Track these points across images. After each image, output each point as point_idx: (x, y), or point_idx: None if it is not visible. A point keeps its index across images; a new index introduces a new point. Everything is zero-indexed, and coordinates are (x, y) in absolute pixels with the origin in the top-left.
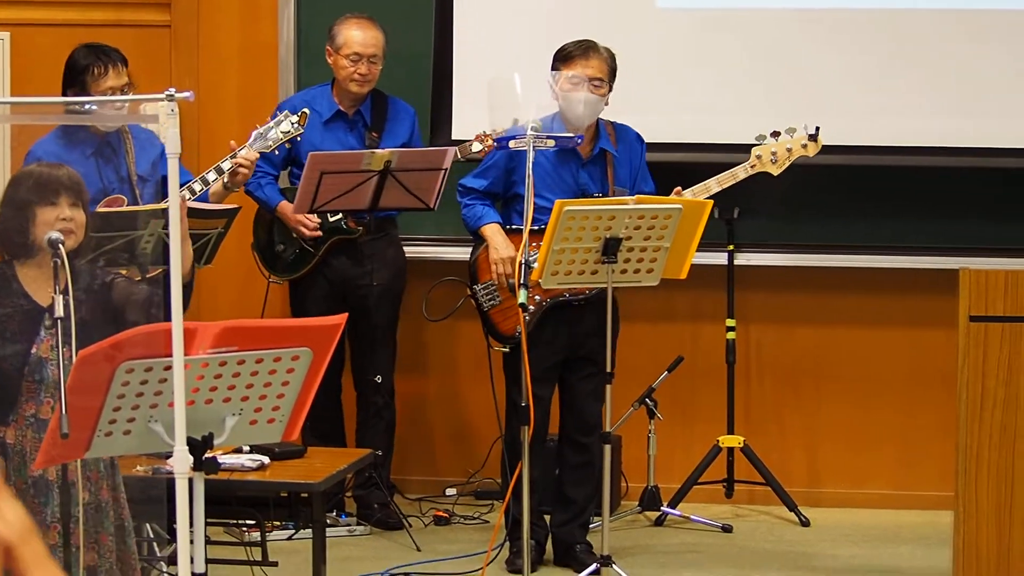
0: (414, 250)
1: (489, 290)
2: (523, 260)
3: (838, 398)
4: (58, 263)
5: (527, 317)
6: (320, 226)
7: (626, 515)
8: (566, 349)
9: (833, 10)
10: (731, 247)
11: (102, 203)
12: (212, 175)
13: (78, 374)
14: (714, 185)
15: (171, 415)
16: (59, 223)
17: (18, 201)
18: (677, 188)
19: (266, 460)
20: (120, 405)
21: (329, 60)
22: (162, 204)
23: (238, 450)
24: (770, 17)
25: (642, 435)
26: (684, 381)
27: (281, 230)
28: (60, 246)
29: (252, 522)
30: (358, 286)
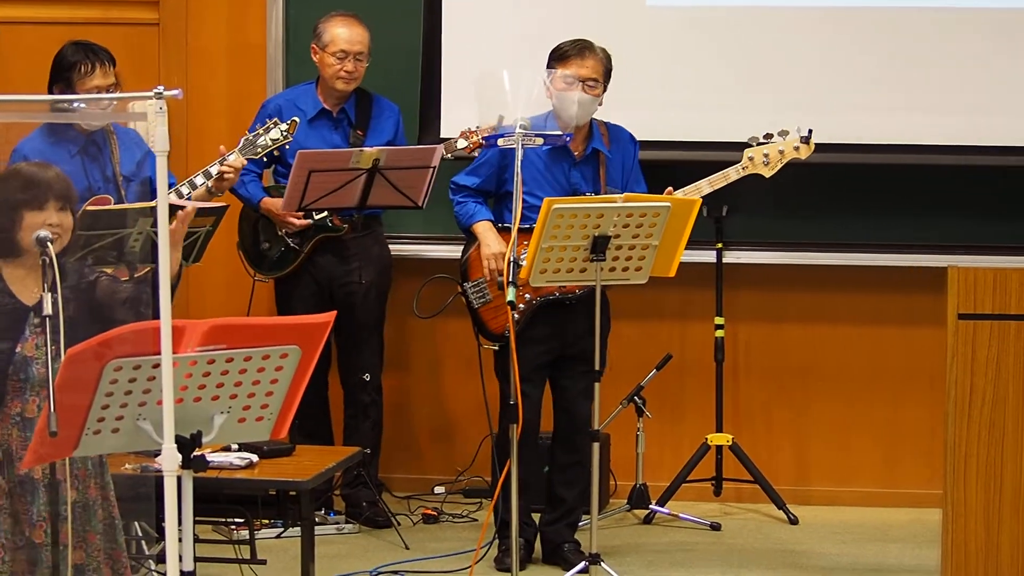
0: (404, 248)
1: (479, 288)
2: (512, 258)
3: (826, 396)
4: (46, 261)
5: (516, 315)
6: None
7: (615, 513)
8: (557, 348)
9: (820, 8)
10: (720, 245)
11: (88, 203)
12: (200, 179)
13: (66, 372)
14: (705, 186)
15: (159, 413)
16: (46, 228)
17: (5, 201)
18: (669, 189)
19: (254, 458)
20: (108, 403)
21: (315, 58)
22: (151, 203)
23: (226, 448)
24: (757, 15)
25: (631, 433)
26: (673, 379)
27: (266, 228)
28: (49, 244)
29: (241, 520)
30: (344, 284)
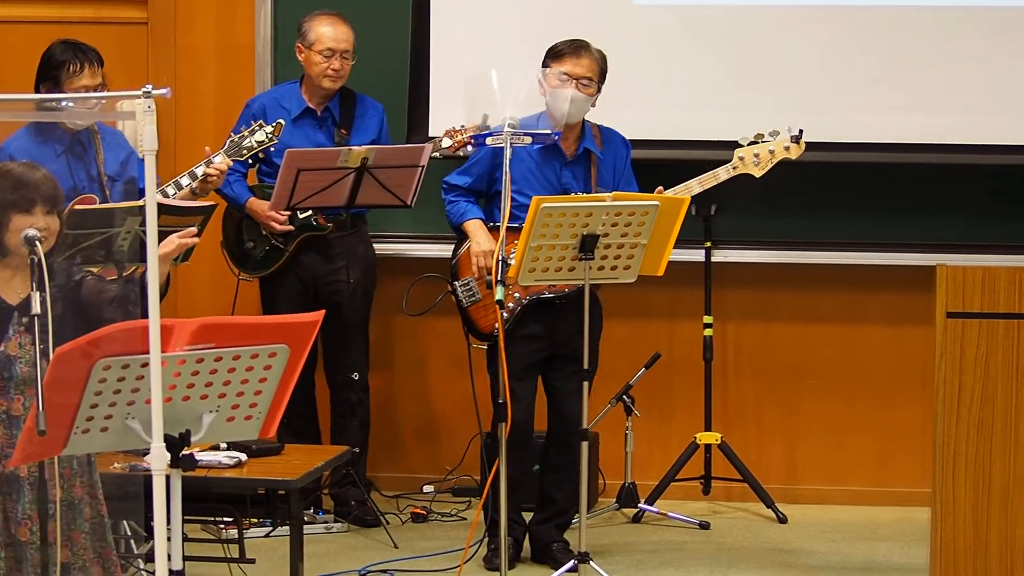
0: (392, 247)
1: (469, 287)
2: (500, 257)
3: (816, 395)
4: (35, 260)
5: (506, 315)
6: (289, 221)
7: (604, 512)
8: (548, 347)
9: (810, 7)
10: (708, 244)
11: (74, 202)
12: (186, 179)
13: (55, 371)
14: (695, 186)
15: (148, 412)
16: (32, 231)
17: None
18: (659, 188)
19: (243, 457)
20: (97, 402)
21: (300, 57)
22: (139, 202)
23: (215, 447)
24: (746, 14)
25: (619, 432)
26: (661, 378)
27: (250, 228)
28: (37, 243)
29: (229, 519)
30: (329, 283)
